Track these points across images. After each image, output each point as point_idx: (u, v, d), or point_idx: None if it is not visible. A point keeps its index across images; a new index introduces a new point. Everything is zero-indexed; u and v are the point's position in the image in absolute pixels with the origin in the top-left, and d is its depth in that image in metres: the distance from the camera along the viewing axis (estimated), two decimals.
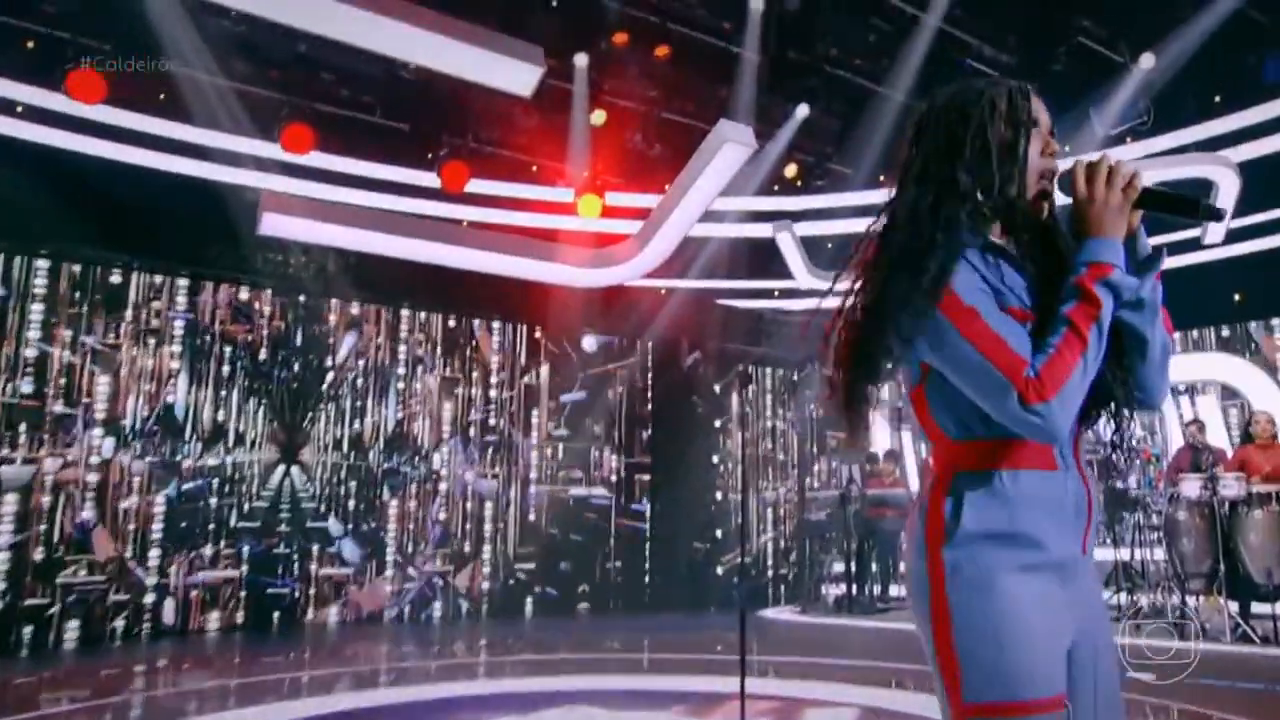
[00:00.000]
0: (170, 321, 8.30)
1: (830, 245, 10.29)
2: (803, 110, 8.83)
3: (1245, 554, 6.45)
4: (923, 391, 1.47)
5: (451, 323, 9.94)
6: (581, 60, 8.21)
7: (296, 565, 8.48)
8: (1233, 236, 8.61)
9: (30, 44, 6.93)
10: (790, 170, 9.47)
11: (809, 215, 9.79)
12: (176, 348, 8.29)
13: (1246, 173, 8.34)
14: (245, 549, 8.16)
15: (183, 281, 8.43)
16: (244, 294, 8.72)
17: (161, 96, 7.63)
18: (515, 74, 6.93)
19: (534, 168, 9.42)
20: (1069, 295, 1.38)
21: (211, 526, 8.07)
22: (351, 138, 8.46)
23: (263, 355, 8.65)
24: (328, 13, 6.28)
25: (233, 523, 8.23)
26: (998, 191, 1.45)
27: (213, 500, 8.19)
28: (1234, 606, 6.53)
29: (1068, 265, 1.43)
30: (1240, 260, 8.74)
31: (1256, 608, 6.67)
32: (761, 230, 9.50)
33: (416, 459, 9.39)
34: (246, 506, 8.29)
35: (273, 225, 7.44)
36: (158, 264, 8.30)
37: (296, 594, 8.46)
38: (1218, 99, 8.61)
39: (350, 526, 8.84)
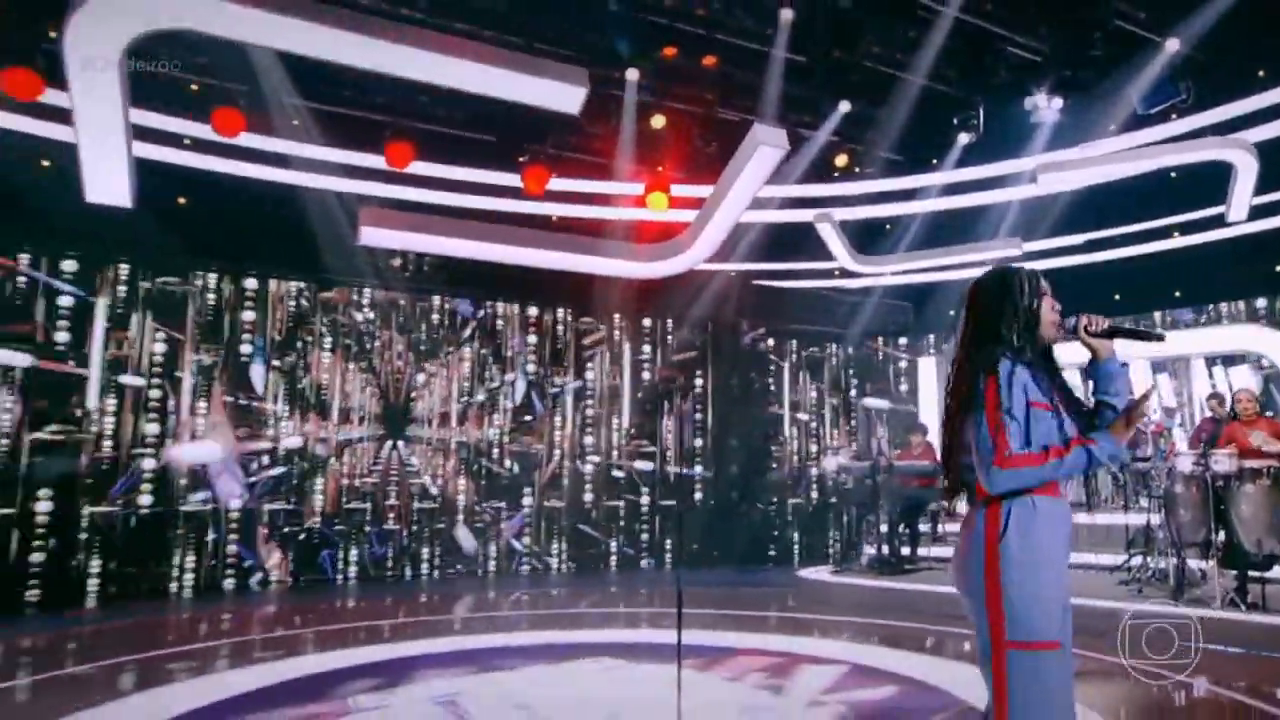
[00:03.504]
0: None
1: (889, 226, 10.94)
2: (845, 105, 9.48)
3: (1238, 526, 6.74)
4: None
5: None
6: (632, 74, 9.15)
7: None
8: (1259, 212, 8.71)
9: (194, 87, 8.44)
10: (841, 160, 10.15)
11: (861, 200, 10.46)
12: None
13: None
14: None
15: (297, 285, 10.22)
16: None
17: (294, 123, 9.20)
18: (562, 94, 7.48)
19: (607, 167, 10.54)
20: (1106, 409, 2.33)
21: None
22: (446, 149, 9.80)
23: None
24: (386, 53, 6.89)
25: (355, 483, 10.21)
26: (1025, 337, 2.32)
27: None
28: (1229, 574, 6.84)
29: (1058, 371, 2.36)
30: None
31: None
32: (809, 215, 10.27)
33: None
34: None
35: (370, 236, 8.86)
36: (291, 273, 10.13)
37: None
38: (1261, 73, 8.66)
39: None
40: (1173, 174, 9.10)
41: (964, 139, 9.58)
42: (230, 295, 9.97)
